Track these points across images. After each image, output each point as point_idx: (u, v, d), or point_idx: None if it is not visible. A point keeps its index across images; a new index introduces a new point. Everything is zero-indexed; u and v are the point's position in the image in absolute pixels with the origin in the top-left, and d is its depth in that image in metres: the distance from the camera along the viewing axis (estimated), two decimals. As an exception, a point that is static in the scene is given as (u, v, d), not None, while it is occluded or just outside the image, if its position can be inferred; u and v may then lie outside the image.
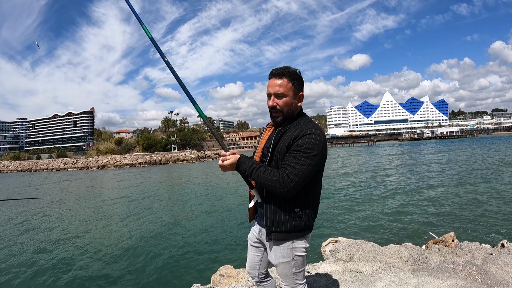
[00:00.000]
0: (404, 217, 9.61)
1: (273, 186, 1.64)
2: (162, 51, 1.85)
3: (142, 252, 7.95)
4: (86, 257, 7.86)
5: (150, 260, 7.41)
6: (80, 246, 8.82)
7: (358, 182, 17.74)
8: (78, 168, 60.46)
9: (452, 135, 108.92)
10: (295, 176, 1.62)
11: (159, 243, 8.70)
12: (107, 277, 6.63)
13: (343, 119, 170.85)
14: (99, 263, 7.40)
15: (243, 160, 1.75)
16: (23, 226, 11.75)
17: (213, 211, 12.51)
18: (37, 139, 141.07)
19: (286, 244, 1.81)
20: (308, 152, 1.64)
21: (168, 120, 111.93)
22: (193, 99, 1.85)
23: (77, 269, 7.12)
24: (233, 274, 4.25)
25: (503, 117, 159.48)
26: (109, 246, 8.70)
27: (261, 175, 1.67)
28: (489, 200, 11.01)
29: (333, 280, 3.10)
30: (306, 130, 1.68)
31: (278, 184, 1.63)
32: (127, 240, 9.11)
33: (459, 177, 17.07)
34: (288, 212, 1.76)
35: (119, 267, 7.12)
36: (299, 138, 1.67)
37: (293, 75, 1.79)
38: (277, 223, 1.78)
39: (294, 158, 1.65)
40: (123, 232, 10.13)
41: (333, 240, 4.85)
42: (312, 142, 1.65)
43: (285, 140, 1.73)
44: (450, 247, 4.34)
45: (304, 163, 1.64)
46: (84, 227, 11.07)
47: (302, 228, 1.79)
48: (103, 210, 14.31)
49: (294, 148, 1.67)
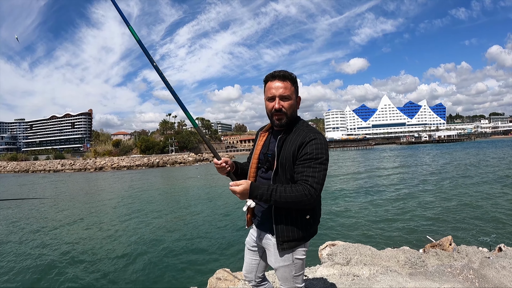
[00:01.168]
0: (402, 220, 9.60)
1: (300, 201, 1.61)
2: (150, 55, 1.75)
3: (139, 255, 7.89)
4: (81, 260, 7.79)
5: (147, 263, 7.36)
6: (75, 248, 8.74)
7: (355, 186, 17.75)
8: (76, 170, 60.20)
9: (450, 139, 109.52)
10: (318, 185, 1.63)
11: (155, 246, 8.64)
12: (103, 280, 6.58)
13: (341, 122, 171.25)
14: (95, 267, 7.33)
15: (256, 185, 1.67)
16: (18, 227, 11.64)
17: (210, 214, 12.47)
18: (35, 140, 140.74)
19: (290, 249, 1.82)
20: (320, 158, 1.65)
21: (166, 123, 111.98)
22: (183, 105, 1.78)
23: (71, 272, 7.06)
24: (229, 277, 4.22)
25: (500, 121, 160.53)
26: (105, 248, 8.64)
27: (283, 195, 1.61)
28: (486, 204, 11.02)
29: (330, 284, 3.09)
30: (310, 136, 1.69)
31: (305, 197, 1.60)
32: (123, 243, 9.05)
33: (456, 181, 17.11)
34: (300, 221, 1.76)
35: (115, 270, 7.07)
36: (306, 145, 1.67)
37: (293, 79, 1.80)
38: (289, 233, 1.77)
39: (310, 168, 1.65)
40: (119, 234, 10.06)
41: (330, 243, 4.84)
42: (320, 147, 1.67)
43: (289, 147, 1.73)
44: (447, 251, 4.34)
45: (320, 169, 1.65)
46: (79, 229, 10.99)
47: (311, 234, 1.83)
48: (99, 213, 14.23)
49: (305, 158, 1.66)
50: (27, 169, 67.28)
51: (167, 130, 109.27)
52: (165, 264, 7.23)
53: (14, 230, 11.34)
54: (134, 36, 1.78)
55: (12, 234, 10.79)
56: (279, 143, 1.78)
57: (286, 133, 1.79)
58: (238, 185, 1.66)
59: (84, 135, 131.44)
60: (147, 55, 1.76)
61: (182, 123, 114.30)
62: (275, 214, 1.79)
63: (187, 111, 1.80)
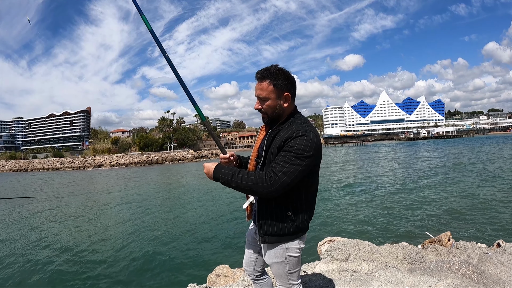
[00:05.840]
0: (400, 216, 9.63)
1: (258, 186, 1.56)
2: (162, 46, 1.84)
3: (138, 252, 7.90)
4: (80, 257, 7.80)
5: (146, 259, 7.37)
6: (75, 247, 8.74)
7: (354, 182, 17.78)
8: (74, 168, 60.16)
9: (449, 135, 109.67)
10: (284, 175, 1.56)
11: (154, 242, 8.65)
12: (101, 277, 6.58)
13: (339, 119, 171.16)
14: (94, 263, 7.34)
15: (220, 167, 1.68)
16: (16, 225, 11.65)
17: (209, 210, 12.48)
18: (33, 139, 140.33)
19: (279, 245, 1.79)
20: (299, 153, 1.58)
21: (164, 120, 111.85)
22: (193, 99, 1.85)
23: (71, 270, 7.07)
24: (229, 273, 4.22)
25: (499, 117, 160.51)
26: (103, 245, 8.65)
27: (244, 177, 1.58)
28: (484, 200, 11.05)
29: (329, 280, 3.09)
30: (298, 132, 1.63)
31: (264, 183, 1.55)
32: (122, 240, 9.06)
33: (454, 177, 17.16)
34: (280, 216, 1.73)
35: (114, 266, 7.08)
36: (291, 140, 1.62)
37: (275, 76, 1.72)
38: (269, 227, 1.76)
39: (284, 157, 1.59)
40: (118, 232, 10.07)
41: (329, 239, 4.84)
42: (304, 144, 1.60)
43: (277, 141, 1.70)
44: (446, 247, 4.35)
45: (294, 163, 1.58)
46: (77, 227, 11.00)
47: (295, 231, 1.76)
48: (97, 210, 14.23)
49: (285, 149, 1.62)
50: (26, 168, 67.16)
51: (165, 127, 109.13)
52: (164, 261, 7.24)
53: (11, 229, 11.34)
54: (147, 26, 1.89)
55: (10, 233, 10.79)
56: (269, 137, 1.77)
57: (279, 127, 1.77)
58: (208, 166, 1.72)
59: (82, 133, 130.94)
60: (159, 46, 1.86)
61: (181, 120, 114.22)
62: (258, 208, 1.80)
63: (196, 105, 1.87)
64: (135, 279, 6.42)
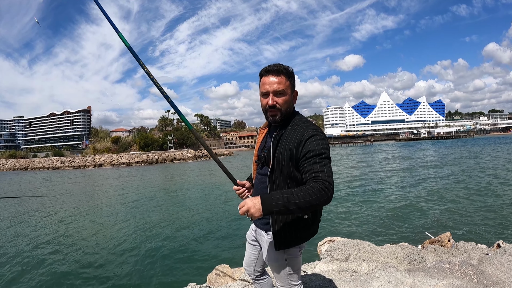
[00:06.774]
0: (400, 217, 9.62)
1: (318, 199, 1.41)
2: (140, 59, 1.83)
3: (138, 251, 7.90)
4: (80, 257, 7.80)
5: (146, 259, 7.36)
6: (74, 246, 8.75)
7: (354, 182, 17.76)
8: (75, 167, 60.09)
9: (449, 136, 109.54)
10: (330, 178, 1.49)
11: (154, 242, 8.65)
12: (101, 276, 6.58)
13: (340, 119, 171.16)
14: (93, 263, 7.34)
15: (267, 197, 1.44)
16: (16, 225, 11.65)
17: (209, 210, 12.47)
18: (34, 138, 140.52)
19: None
20: (324, 153, 1.56)
21: (165, 119, 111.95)
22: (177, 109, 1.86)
23: (70, 269, 7.07)
24: (229, 273, 4.23)
25: (499, 118, 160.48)
26: (103, 245, 8.64)
27: (300, 195, 1.41)
28: (484, 201, 11.05)
29: (329, 280, 3.09)
30: (309, 133, 1.61)
31: (323, 192, 1.42)
32: (121, 240, 9.06)
33: (454, 177, 17.14)
34: (298, 221, 1.69)
35: (113, 266, 7.08)
36: (305, 143, 1.58)
37: (289, 73, 1.72)
38: (286, 233, 1.70)
39: (316, 164, 1.52)
40: (117, 231, 10.07)
41: (329, 239, 4.84)
42: (321, 143, 1.59)
43: (286, 144, 1.66)
44: (446, 247, 4.35)
45: (327, 164, 1.55)
46: (78, 227, 11.00)
47: (312, 234, 1.76)
48: (97, 209, 14.23)
49: (308, 156, 1.55)
50: (26, 167, 67.12)
51: (166, 126, 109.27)
52: (164, 260, 7.24)
53: (11, 229, 11.35)
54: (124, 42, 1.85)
55: (10, 233, 10.80)
56: (274, 140, 1.72)
57: (283, 129, 1.73)
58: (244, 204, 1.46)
59: (83, 132, 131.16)
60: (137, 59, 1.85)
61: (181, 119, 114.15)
62: (271, 216, 1.72)
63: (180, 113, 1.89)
64: (135, 278, 6.42)
